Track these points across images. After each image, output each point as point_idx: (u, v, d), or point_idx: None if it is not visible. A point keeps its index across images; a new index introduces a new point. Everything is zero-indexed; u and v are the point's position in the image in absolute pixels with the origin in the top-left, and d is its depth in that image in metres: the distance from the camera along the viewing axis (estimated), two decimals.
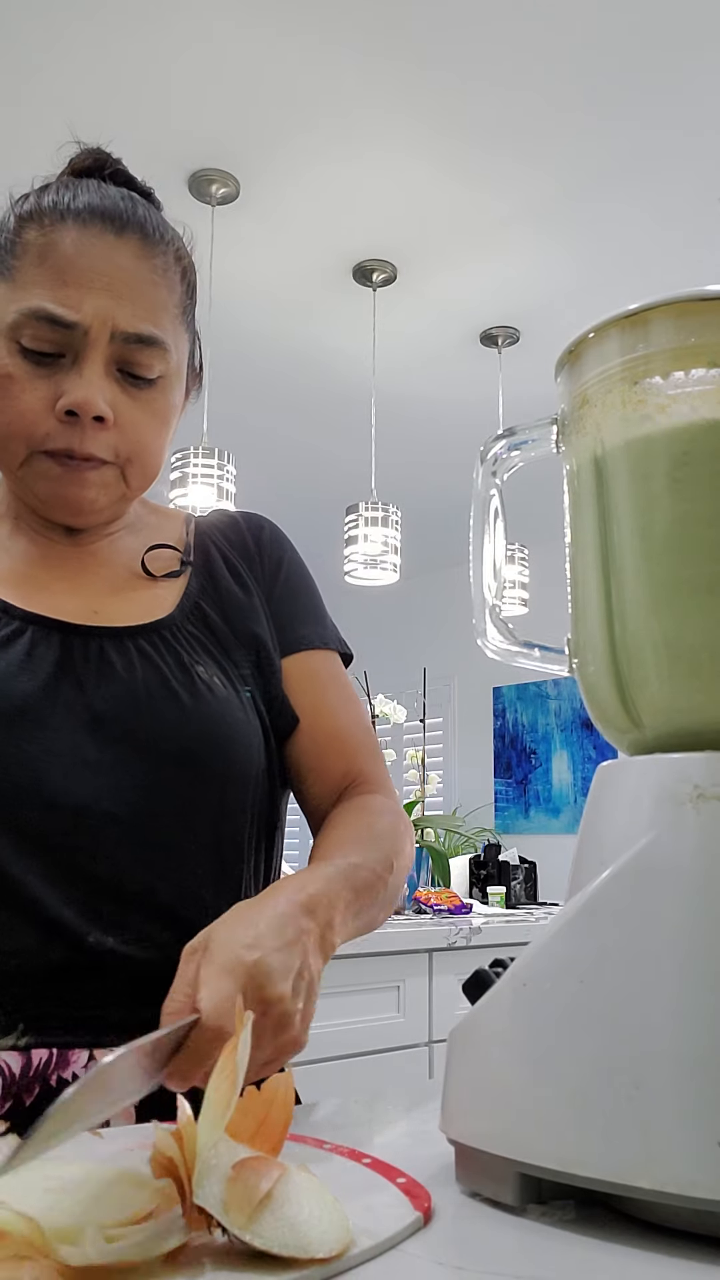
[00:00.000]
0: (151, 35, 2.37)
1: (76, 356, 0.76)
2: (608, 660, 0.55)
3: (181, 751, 0.78)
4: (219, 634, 0.86)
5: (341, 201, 2.96)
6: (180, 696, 0.79)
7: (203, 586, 0.88)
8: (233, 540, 0.94)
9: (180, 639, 0.83)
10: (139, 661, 0.80)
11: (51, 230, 0.77)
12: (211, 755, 0.79)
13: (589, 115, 2.61)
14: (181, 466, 2.89)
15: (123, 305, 0.76)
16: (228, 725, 0.81)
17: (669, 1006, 0.45)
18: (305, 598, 0.94)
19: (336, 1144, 0.56)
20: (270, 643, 0.89)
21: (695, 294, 0.53)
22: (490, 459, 0.62)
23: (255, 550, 0.94)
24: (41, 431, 0.77)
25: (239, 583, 0.90)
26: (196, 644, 0.84)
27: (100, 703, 0.77)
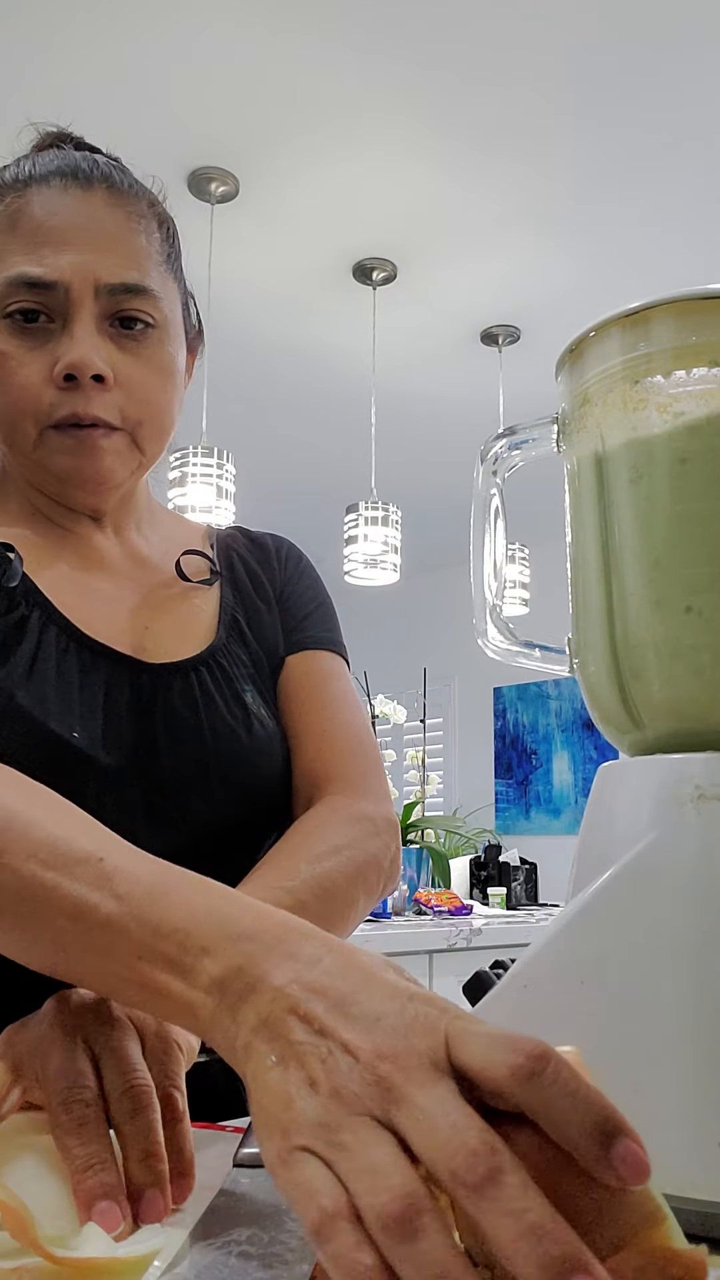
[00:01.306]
0: (152, 34, 2.37)
1: (66, 319, 0.74)
2: (608, 660, 0.55)
3: (241, 785, 0.79)
4: (252, 651, 0.86)
5: (341, 201, 2.96)
6: (237, 732, 0.79)
7: (236, 598, 0.88)
8: (254, 553, 0.94)
9: (228, 664, 0.83)
10: (199, 697, 0.79)
11: (17, 199, 0.75)
12: (260, 790, 0.80)
13: (589, 115, 2.60)
14: (181, 466, 2.89)
15: (102, 257, 0.74)
16: (274, 756, 0.82)
17: (669, 1007, 0.45)
18: (314, 602, 0.94)
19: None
20: (280, 650, 0.89)
21: (696, 293, 0.53)
22: (491, 458, 0.62)
23: (275, 564, 0.94)
24: (46, 403, 0.74)
25: (263, 598, 0.90)
26: (240, 668, 0.84)
27: (156, 737, 0.76)
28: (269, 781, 0.81)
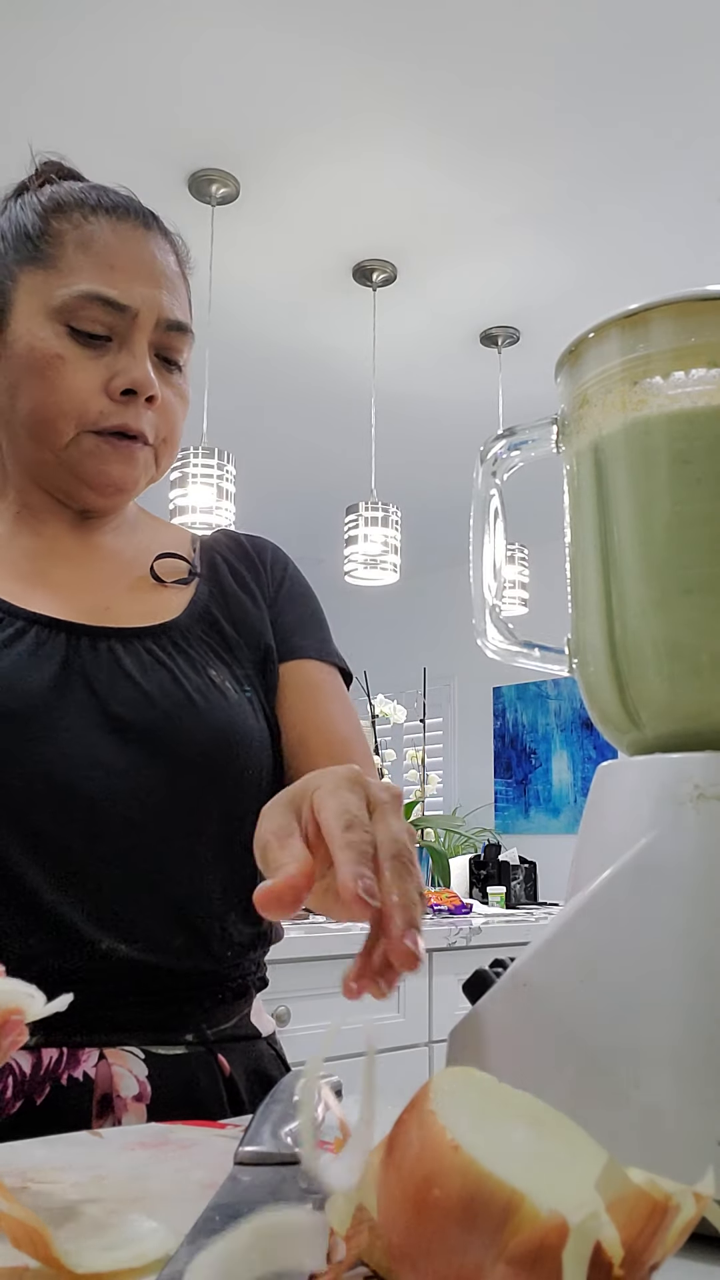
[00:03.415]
0: (152, 35, 2.37)
1: (124, 340, 0.80)
2: (608, 660, 0.55)
3: (197, 755, 0.78)
4: (228, 639, 0.87)
5: (341, 201, 2.96)
6: (195, 700, 0.79)
7: (211, 593, 0.90)
8: (239, 555, 0.96)
9: (190, 642, 0.84)
10: (150, 664, 0.80)
11: (86, 223, 0.81)
12: (226, 759, 0.80)
13: (589, 115, 2.61)
14: (181, 466, 2.89)
15: (163, 294, 0.82)
16: (241, 729, 0.81)
17: (669, 1006, 0.45)
18: (308, 611, 0.96)
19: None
20: (274, 653, 0.90)
21: (695, 294, 0.53)
22: (490, 459, 0.62)
23: (260, 564, 0.96)
24: (95, 411, 0.79)
25: (247, 593, 0.92)
26: (206, 647, 0.85)
27: (114, 705, 0.77)
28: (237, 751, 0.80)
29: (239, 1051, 0.81)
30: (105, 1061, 0.72)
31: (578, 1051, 0.47)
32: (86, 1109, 0.70)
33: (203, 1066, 0.77)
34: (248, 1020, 0.84)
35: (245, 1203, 0.45)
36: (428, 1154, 0.32)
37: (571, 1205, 0.30)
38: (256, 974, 0.86)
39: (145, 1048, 0.74)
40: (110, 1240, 0.40)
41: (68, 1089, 0.70)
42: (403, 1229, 0.32)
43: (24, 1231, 0.37)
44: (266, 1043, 0.86)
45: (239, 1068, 0.79)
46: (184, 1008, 0.77)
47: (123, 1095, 0.71)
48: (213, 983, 0.79)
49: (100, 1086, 0.71)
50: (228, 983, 0.81)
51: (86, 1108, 0.71)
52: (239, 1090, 0.78)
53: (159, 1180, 0.50)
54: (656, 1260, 0.32)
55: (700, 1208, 0.32)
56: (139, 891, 0.75)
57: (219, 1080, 0.77)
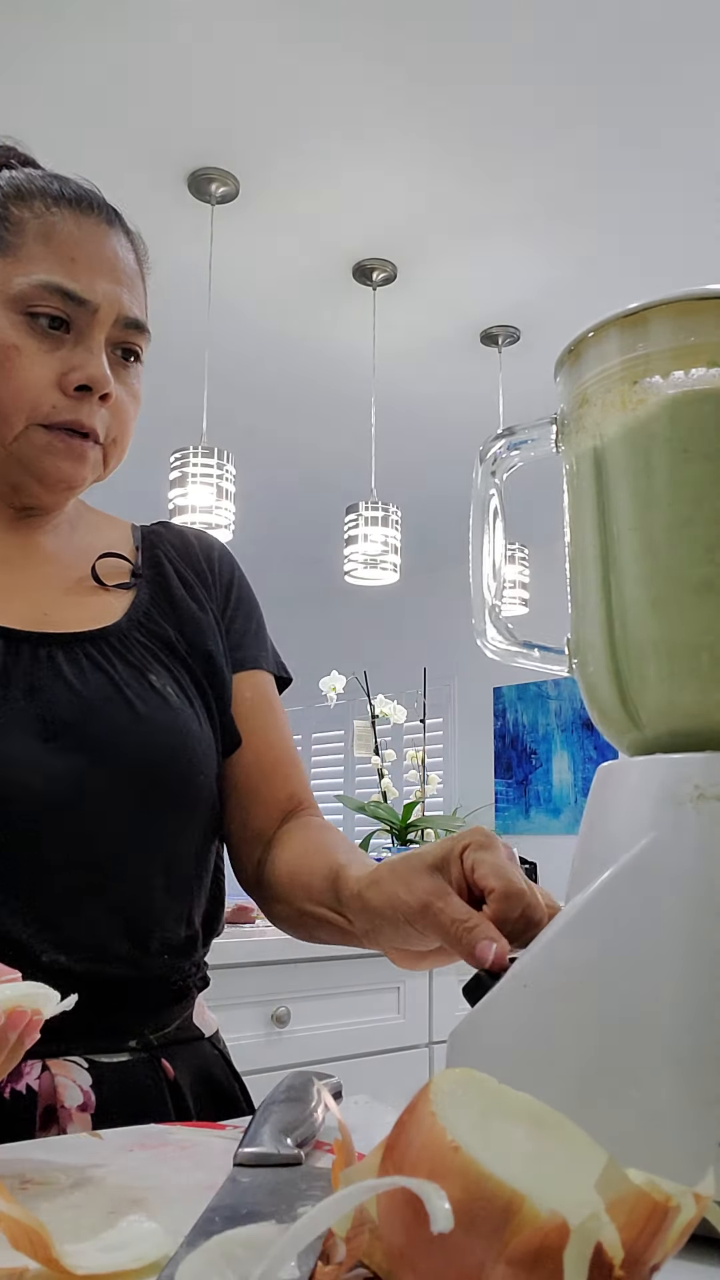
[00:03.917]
0: (152, 35, 2.37)
1: (81, 335, 0.79)
2: (608, 660, 0.55)
3: (138, 761, 0.77)
4: (171, 644, 0.85)
5: (341, 201, 2.96)
6: (134, 704, 0.78)
7: (154, 596, 0.88)
8: (185, 555, 0.93)
9: (131, 646, 0.82)
10: (89, 669, 0.78)
11: (48, 213, 0.80)
12: (168, 764, 0.78)
13: (590, 115, 2.60)
14: (181, 466, 2.89)
15: (124, 292, 0.81)
16: (183, 734, 0.80)
17: (669, 1007, 0.45)
18: (255, 619, 0.95)
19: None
20: (222, 658, 0.88)
21: (695, 293, 0.53)
22: (490, 459, 0.62)
23: (206, 567, 0.94)
24: (47, 405, 0.78)
25: (192, 597, 0.90)
26: (147, 652, 0.83)
27: (53, 712, 0.75)
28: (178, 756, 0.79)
29: (183, 1055, 0.80)
30: (49, 1073, 0.71)
31: (578, 1052, 0.47)
32: (30, 1122, 0.69)
33: (147, 1072, 0.76)
34: (190, 1022, 0.83)
35: (245, 1203, 0.45)
36: (428, 1155, 0.32)
37: (572, 1206, 0.30)
38: (197, 974, 0.85)
39: (89, 1056, 0.73)
40: (110, 1241, 0.40)
41: (11, 1102, 0.69)
42: (402, 1230, 0.32)
43: (24, 1232, 0.37)
44: (210, 1043, 0.85)
45: (184, 1071, 0.79)
46: (127, 1014, 0.76)
47: (67, 1106, 0.70)
48: (154, 987, 0.78)
49: (44, 1099, 0.70)
50: (169, 986, 0.80)
51: (30, 1120, 0.69)
52: (184, 1094, 0.78)
53: (159, 1181, 0.50)
54: (657, 1261, 0.32)
55: (700, 1208, 0.32)
56: (80, 900, 0.74)
57: (163, 1085, 0.76)
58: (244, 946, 2.04)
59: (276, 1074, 0.63)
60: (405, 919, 0.65)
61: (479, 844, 0.62)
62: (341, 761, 6.65)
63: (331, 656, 4.93)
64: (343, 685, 3.26)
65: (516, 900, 0.58)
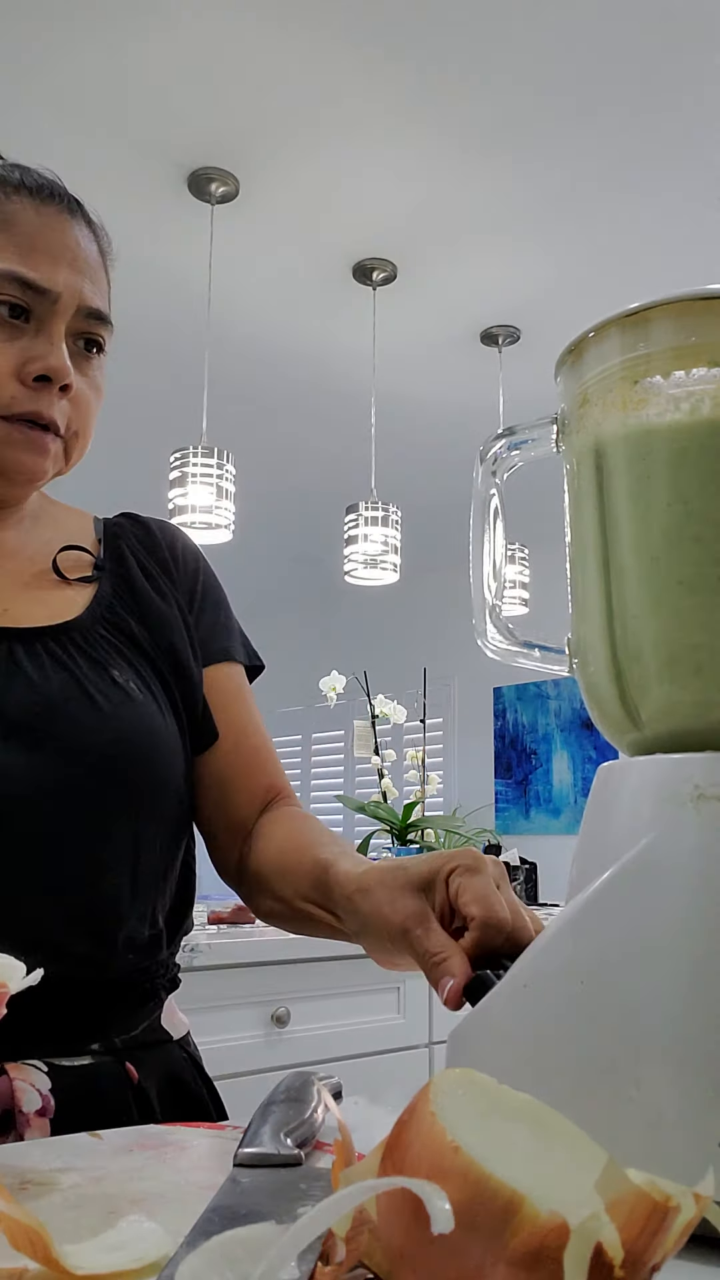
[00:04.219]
0: (152, 35, 2.37)
1: (41, 325, 0.77)
2: (608, 660, 0.55)
3: (100, 757, 0.76)
4: (134, 638, 0.84)
5: (341, 201, 2.96)
6: (97, 700, 0.76)
7: (116, 589, 0.86)
8: (148, 547, 0.92)
9: (92, 641, 0.81)
10: (50, 665, 0.77)
11: (8, 201, 0.78)
12: (131, 761, 0.77)
13: (590, 115, 2.61)
14: (181, 466, 2.89)
15: (85, 281, 0.79)
16: (148, 731, 0.79)
17: (669, 1006, 0.45)
18: (222, 609, 0.94)
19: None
20: (187, 652, 0.87)
21: (695, 293, 0.53)
22: (490, 459, 0.62)
23: (170, 559, 0.92)
24: (6, 395, 0.76)
25: (155, 589, 0.88)
26: (110, 647, 0.82)
27: (12, 709, 0.74)
28: (143, 753, 0.78)
29: (149, 1058, 0.78)
30: (6, 1077, 0.70)
31: (578, 1051, 0.47)
32: None
33: (109, 1076, 0.74)
34: (158, 1024, 0.82)
35: (244, 1204, 0.45)
36: (428, 1155, 0.32)
37: (572, 1206, 0.30)
38: (165, 975, 0.83)
39: (48, 1060, 0.72)
40: (110, 1241, 0.40)
41: None
42: (402, 1230, 0.32)
43: (24, 1232, 0.37)
44: (179, 1046, 0.83)
45: (149, 1075, 0.77)
46: (89, 1017, 0.75)
47: (25, 1110, 0.69)
48: (118, 989, 0.77)
49: (1, 1103, 0.69)
50: (134, 988, 0.78)
51: None
52: (149, 1099, 0.76)
53: (159, 1181, 0.50)
54: (657, 1261, 0.32)
55: (700, 1208, 0.32)
56: (40, 898, 0.72)
57: (127, 1090, 0.75)
58: (244, 946, 2.04)
59: (276, 1074, 0.63)
60: (387, 935, 0.66)
61: (466, 867, 0.62)
62: (341, 761, 6.65)
63: (331, 656, 4.93)
64: (343, 685, 3.26)
65: (496, 931, 0.59)
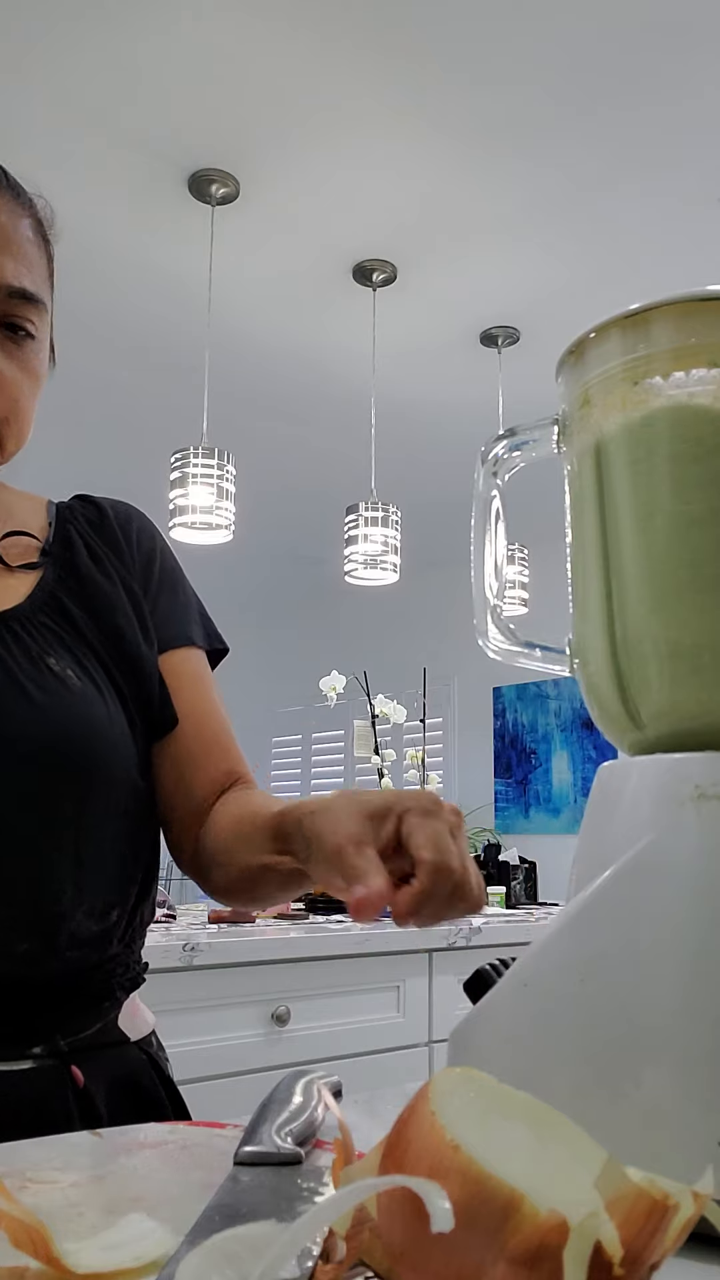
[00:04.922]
0: (153, 35, 2.37)
1: None
2: (608, 660, 0.55)
3: (37, 749, 0.73)
4: (78, 625, 0.81)
5: (341, 201, 2.96)
6: (29, 691, 0.74)
7: (60, 576, 0.83)
8: (99, 528, 0.89)
9: (31, 630, 0.78)
10: None
11: None
12: (70, 752, 0.75)
13: (589, 115, 2.61)
14: (181, 466, 2.89)
15: (5, 260, 0.74)
16: (87, 721, 0.76)
17: (669, 1006, 0.45)
18: (180, 592, 0.91)
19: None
20: (137, 636, 0.84)
21: (696, 294, 0.53)
22: (491, 459, 0.62)
23: (124, 541, 0.89)
24: None
25: (102, 572, 0.86)
26: (49, 634, 0.79)
27: None
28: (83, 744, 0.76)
29: (100, 1061, 0.76)
30: None
31: (578, 1051, 0.47)
32: None
33: (51, 1081, 0.72)
34: (113, 1025, 0.79)
35: (245, 1203, 0.45)
36: (428, 1154, 0.32)
37: (571, 1204, 0.30)
38: (125, 975, 0.80)
39: None
40: (110, 1240, 0.40)
41: None
42: (403, 1229, 0.32)
43: (24, 1231, 0.37)
44: (138, 1047, 0.81)
45: (98, 1078, 0.75)
46: (32, 1018, 0.72)
47: None
48: (64, 989, 0.74)
49: None
50: (83, 988, 0.76)
51: None
52: (95, 1103, 0.73)
53: (159, 1180, 0.50)
54: (656, 1260, 0.32)
55: (699, 1207, 0.32)
56: None
57: (69, 1095, 0.72)
58: (244, 946, 2.04)
59: (276, 1073, 0.63)
60: (324, 855, 0.61)
61: (424, 809, 0.58)
62: (341, 761, 6.65)
63: (331, 656, 4.93)
64: (343, 685, 3.26)
65: (444, 877, 0.55)
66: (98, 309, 3.45)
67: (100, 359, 3.76)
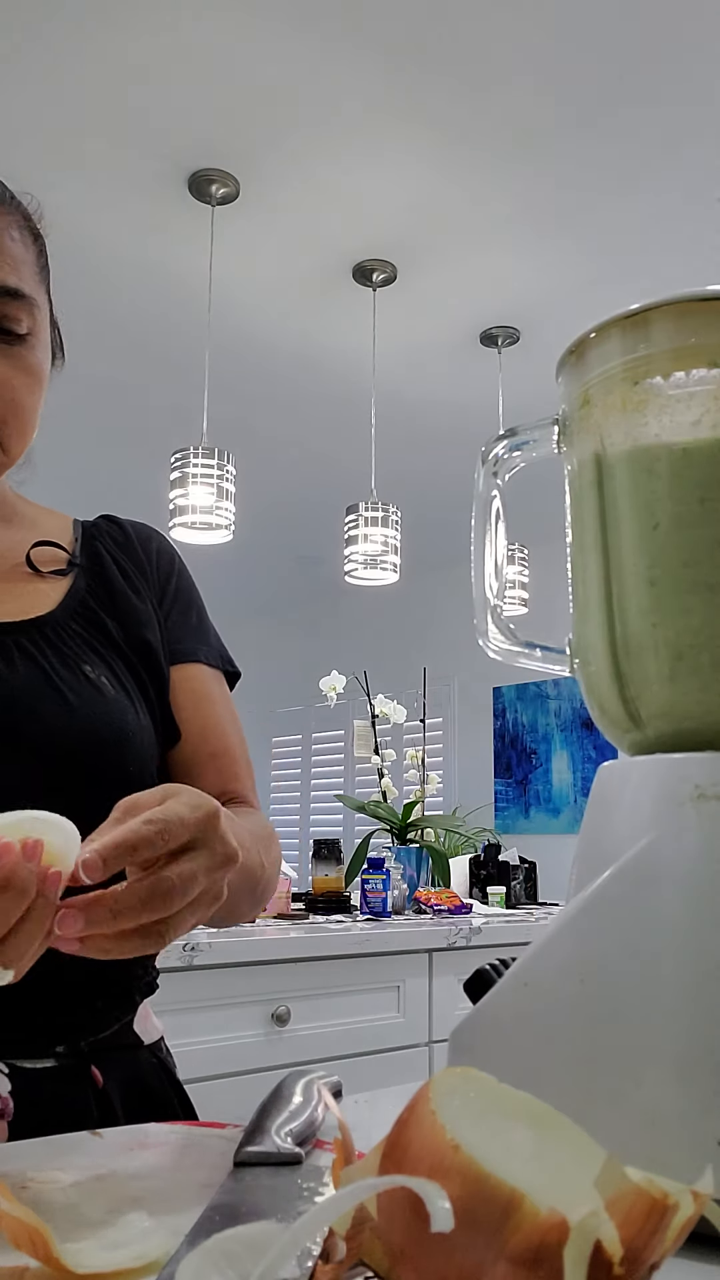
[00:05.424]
0: (153, 35, 2.37)
1: None
2: (608, 660, 0.55)
3: (69, 752, 0.74)
4: (108, 634, 0.83)
5: (341, 201, 2.96)
6: (66, 695, 0.75)
7: (91, 586, 0.85)
8: (124, 546, 0.91)
9: (64, 637, 0.80)
10: (19, 659, 0.76)
11: None
12: (101, 755, 0.76)
13: (589, 116, 2.61)
14: (181, 466, 2.89)
15: None
16: (118, 726, 0.77)
17: (669, 1006, 0.45)
18: (194, 612, 0.93)
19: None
20: (160, 649, 0.86)
21: (696, 294, 0.53)
22: (491, 459, 0.62)
23: (144, 558, 0.91)
24: None
25: (131, 587, 0.88)
26: (82, 642, 0.80)
27: None
28: (114, 748, 0.77)
29: (117, 1063, 0.77)
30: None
31: (578, 1051, 0.47)
32: None
33: (71, 1080, 0.73)
34: (129, 1029, 0.80)
35: (245, 1203, 0.45)
36: (428, 1154, 0.32)
37: (571, 1204, 0.30)
38: (142, 979, 0.82)
39: (10, 1061, 0.71)
40: (110, 1240, 0.40)
41: None
42: (403, 1229, 0.32)
43: (24, 1231, 0.37)
44: (150, 1052, 0.82)
45: (115, 1079, 0.76)
46: (54, 1019, 0.74)
47: None
48: (85, 993, 0.76)
49: None
50: (104, 991, 0.77)
51: None
52: (113, 1103, 0.75)
53: (159, 1180, 0.50)
54: (656, 1259, 0.32)
55: (699, 1206, 0.32)
56: None
57: (90, 1094, 0.74)
58: (244, 946, 2.04)
59: (276, 1074, 0.63)
60: None
61: (173, 805, 0.55)
62: (341, 761, 6.65)
63: (331, 656, 4.93)
64: (343, 685, 3.26)
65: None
66: (98, 309, 3.45)
67: (100, 359, 3.76)
